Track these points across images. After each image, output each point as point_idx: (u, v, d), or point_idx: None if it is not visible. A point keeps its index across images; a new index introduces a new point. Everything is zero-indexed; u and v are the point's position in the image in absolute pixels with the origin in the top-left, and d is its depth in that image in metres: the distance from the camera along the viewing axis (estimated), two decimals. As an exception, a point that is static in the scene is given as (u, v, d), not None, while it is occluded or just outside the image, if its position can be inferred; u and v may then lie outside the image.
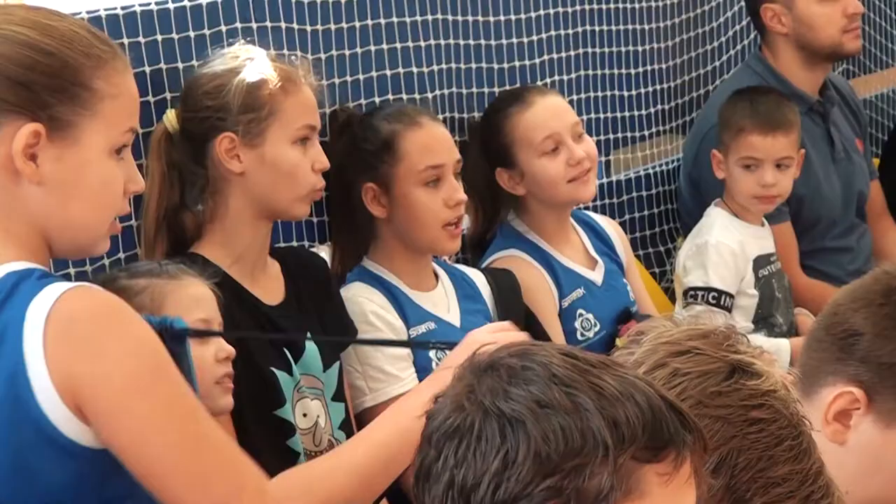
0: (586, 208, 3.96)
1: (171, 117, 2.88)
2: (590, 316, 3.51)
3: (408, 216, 3.15)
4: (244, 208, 2.85)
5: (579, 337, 3.49)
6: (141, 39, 2.95)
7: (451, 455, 1.43)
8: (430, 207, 3.14)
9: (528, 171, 3.51)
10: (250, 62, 2.86)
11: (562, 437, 1.40)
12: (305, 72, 2.94)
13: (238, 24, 3.12)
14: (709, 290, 3.78)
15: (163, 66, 2.99)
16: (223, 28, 3.10)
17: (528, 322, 3.30)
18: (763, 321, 3.85)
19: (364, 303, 3.11)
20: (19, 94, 1.96)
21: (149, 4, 2.99)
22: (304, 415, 2.88)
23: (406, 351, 3.10)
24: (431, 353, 3.11)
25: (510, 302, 3.31)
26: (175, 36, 3.01)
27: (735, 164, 3.88)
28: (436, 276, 3.29)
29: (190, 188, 2.87)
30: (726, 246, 3.82)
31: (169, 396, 1.96)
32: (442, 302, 3.24)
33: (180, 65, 3.01)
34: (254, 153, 2.83)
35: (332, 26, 3.39)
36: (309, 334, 2.90)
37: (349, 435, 2.90)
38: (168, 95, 2.99)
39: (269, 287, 2.92)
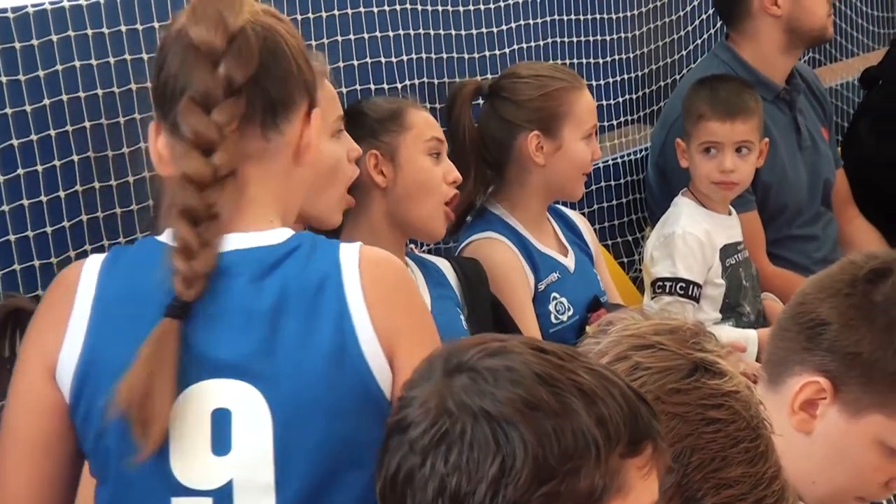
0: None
1: None
2: (563, 300, 3.51)
3: (412, 183, 3.15)
4: None
5: (553, 320, 3.49)
6: (122, 28, 2.96)
7: (439, 462, 1.40)
8: (433, 175, 3.17)
9: (568, 148, 3.52)
10: None
11: (555, 440, 1.38)
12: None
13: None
14: (676, 280, 3.78)
15: (143, 55, 2.97)
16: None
17: (494, 309, 3.31)
18: (731, 310, 3.86)
19: None
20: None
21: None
22: None
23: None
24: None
25: (476, 289, 3.32)
26: (156, 25, 3.00)
27: (696, 151, 3.88)
28: (406, 264, 3.30)
29: None
30: (693, 236, 3.82)
31: None
32: (413, 288, 3.24)
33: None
34: None
35: (299, 16, 3.38)
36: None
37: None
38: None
39: None
